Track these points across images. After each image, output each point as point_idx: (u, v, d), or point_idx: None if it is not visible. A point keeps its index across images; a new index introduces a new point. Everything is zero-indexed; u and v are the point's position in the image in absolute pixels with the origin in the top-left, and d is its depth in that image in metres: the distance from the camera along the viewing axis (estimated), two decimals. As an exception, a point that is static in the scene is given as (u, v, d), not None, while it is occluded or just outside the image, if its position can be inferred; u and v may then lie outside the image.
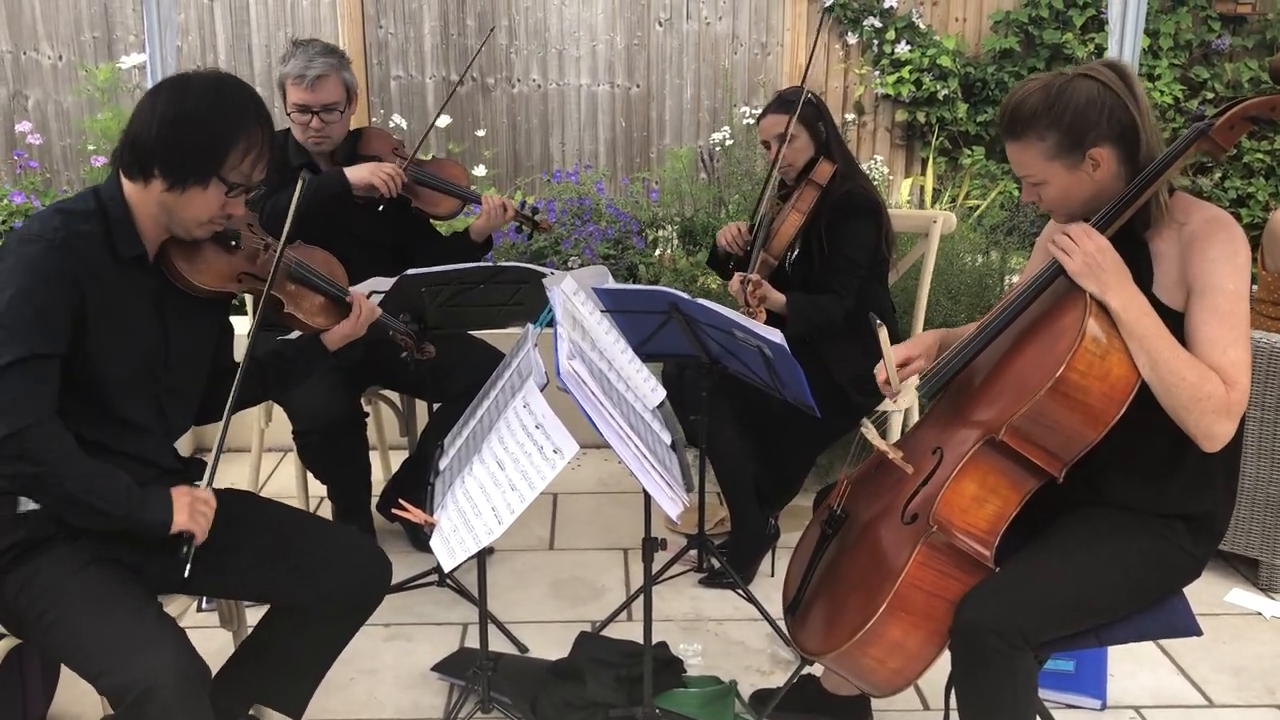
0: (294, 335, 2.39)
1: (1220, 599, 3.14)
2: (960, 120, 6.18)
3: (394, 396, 3.65)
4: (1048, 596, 1.90)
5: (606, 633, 2.93)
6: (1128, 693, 2.71)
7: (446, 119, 5.71)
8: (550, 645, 2.86)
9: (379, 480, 3.56)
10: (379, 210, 3.18)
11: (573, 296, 2.19)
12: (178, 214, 1.94)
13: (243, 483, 3.54)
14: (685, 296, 2.60)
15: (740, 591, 3.07)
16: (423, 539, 3.35)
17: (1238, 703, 2.69)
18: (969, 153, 6.18)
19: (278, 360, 2.27)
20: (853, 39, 6.24)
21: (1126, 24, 3.92)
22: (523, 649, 2.87)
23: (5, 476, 1.80)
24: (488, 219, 3.28)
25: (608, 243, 4.63)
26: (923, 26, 6.21)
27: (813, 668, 2.52)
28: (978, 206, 5.54)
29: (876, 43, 6.22)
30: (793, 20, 6.24)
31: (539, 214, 3.40)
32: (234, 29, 6.07)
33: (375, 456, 3.53)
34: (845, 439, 3.45)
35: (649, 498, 2.02)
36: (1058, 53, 6.13)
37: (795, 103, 3.14)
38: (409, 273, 2.80)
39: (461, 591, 3.07)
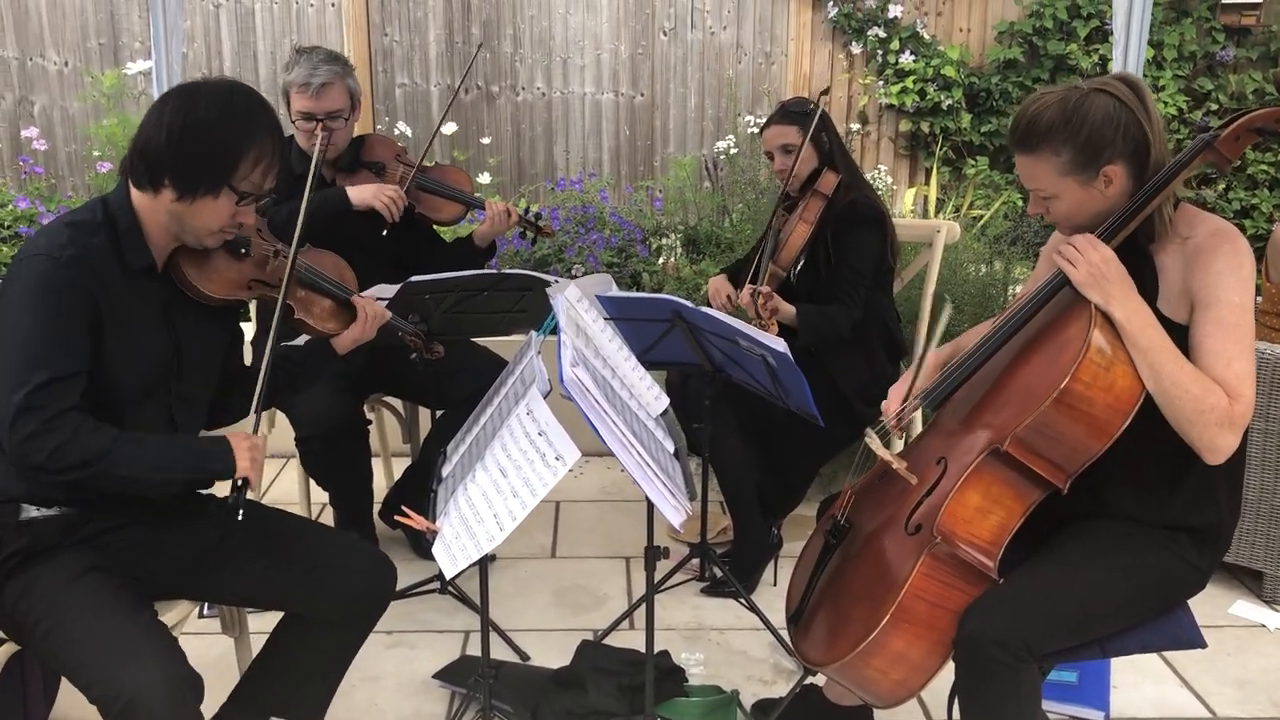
0: (300, 339, 2.39)
1: (1224, 611, 3.13)
2: (964, 130, 6.19)
3: (397, 403, 3.66)
4: (1052, 609, 1.89)
5: (608, 641, 2.92)
6: (1131, 704, 2.70)
7: (452, 126, 5.73)
8: (552, 653, 2.86)
9: (381, 487, 3.56)
10: (383, 234, 3.18)
11: (576, 304, 2.19)
12: (189, 223, 1.93)
13: (245, 489, 3.54)
14: (689, 305, 2.60)
15: (743, 601, 3.06)
16: (425, 546, 3.34)
17: (1241, 715, 2.67)
18: (973, 163, 6.19)
19: (286, 364, 2.27)
20: (857, 49, 6.25)
21: (1131, 35, 3.92)
22: (524, 657, 2.87)
23: (69, 481, 1.83)
24: (491, 224, 3.29)
25: (611, 251, 4.63)
26: (927, 36, 6.22)
27: (815, 677, 2.51)
28: (981, 216, 5.54)
29: (881, 52, 6.23)
30: (797, 30, 6.25)
31: (542, 219, 3.41)
32: (239, 36, 6.08)
33: (377, 463, 3.53)
34: (848, 449, 3.45)
35: (652, 506, 2.02)
36: (1062, 63, 6.14)
37: (799, 113, 3.15)
38: (413, 279, 2.81)
39: (463, 599, 3.07)
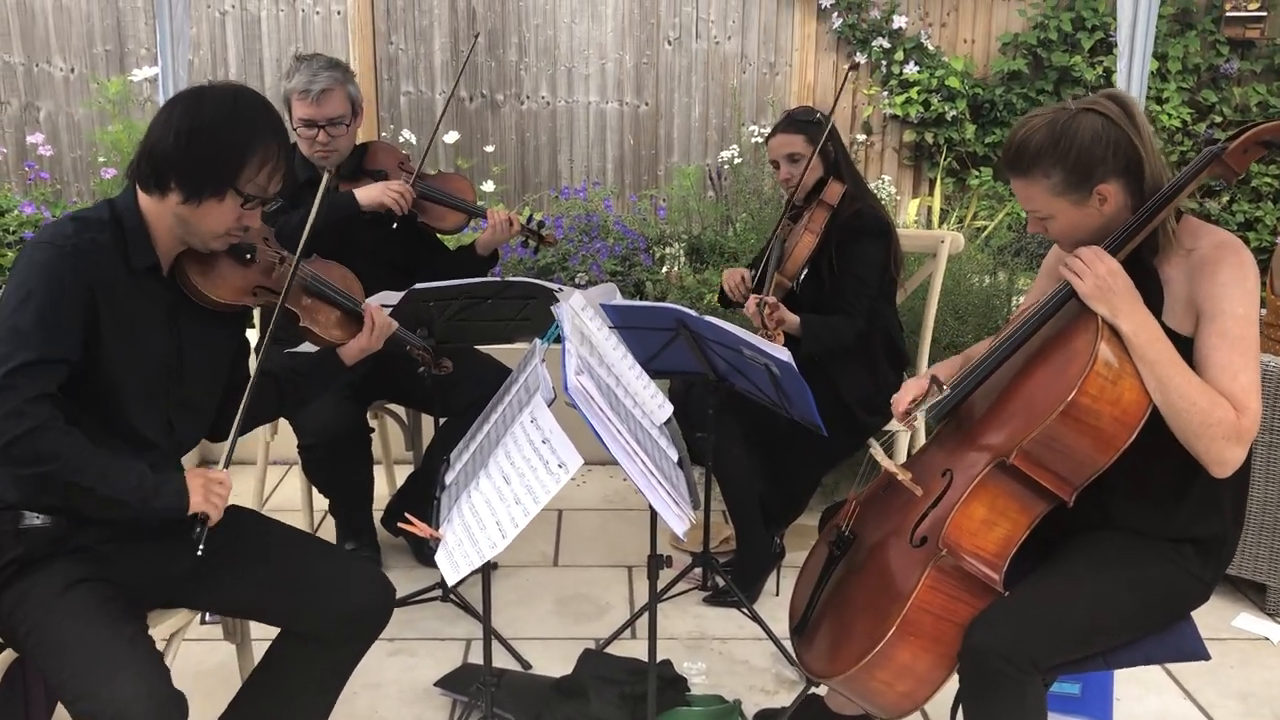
0: (302, 348, 2.39)
1: (1228, 623, 3.13)
2: (968, 141, 6.20)
3: (399, 410, 3.65)
4: (1058, 622, 1.88)
5: (610, 650, 2.91)
6: (1134, 716, 2.69)
7: (455, 134, 5.74)
8: (554, 662, 2.86)
9: (383, 495, 3.56)
10: (392, 227, 3.19)
11: (581, 312, 2.19)
12: (194, 226, 1.94)
13: (248, 495, 3.54)
14: (693, 314, 2.60)
15: (745, 610, 3.06)
16: (427, 554, 3.35)
17: (1245, 728, 2.68)
18: (976, 173, 6.19)
19: (292, 376, 2.26)
20: (861, 59, 6.27)
21: (1135, 47, 3.93)
22: (526, 665, 2.86)
23: (21, 476, 1.82)
24: (493, 233, 3.29)
25: (615, 259, 4.63)
26: (931, 47, 6.24)
27: (817, 688, 2.51)
28: (985, 227, 5.54)
29: (885, 63, 6.24)
30: (801, 40, 6.27)
31: (545, 228, 3.41)
32: (245, 43, 6.10)
33: (380, 471, 3.53)
34: (851, 458, 3.44)
35: (655, 514, 2.02)
36: (1066, 75, 6.15)
37: (805, 122, 3.16)
38: (417, 287, 2.81)
39: (465, 607, 3.07)
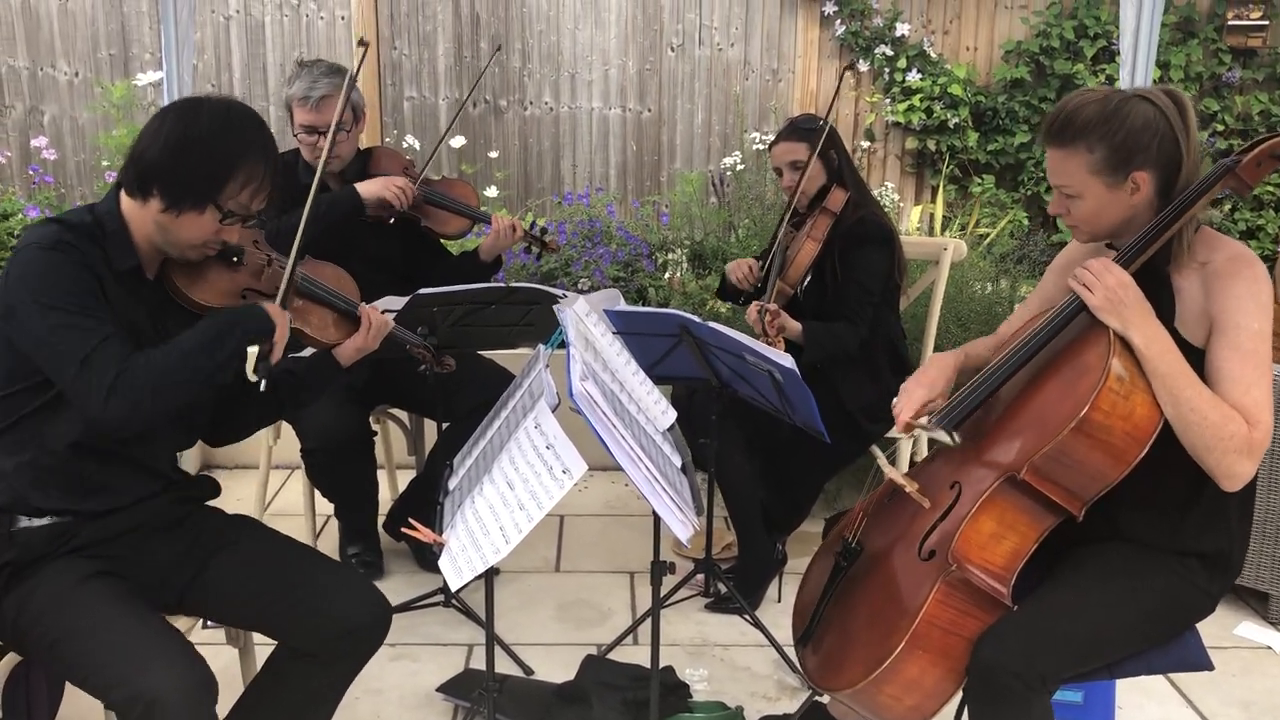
0: (307, 352, 2.39)
1: (1230, 633, 3.12)
2: (970, 149, 6.20)
3: (402, 415, 3.66)
4: (1067, 638, 1.86)
5: (612, 656, 2.91)
6: (1137, 725, 2.69)
7: (460, 139, 5.74)
8: (556, 668, 2.85)
9: (385, 499, 3.56)
10: (390, 224, 3.20)
11: (585, 317, 2.20)
12: (172, 235, 1.95)
13: (250, 499, 3.54)
14: (696, 319, 2.60)
15: (747, 617, 3.05)
16: (429, 559, 3.35)
17: (1248, 737, 2.67)
18: (979, 181, 6.20)
19: (290, 378, 2.25)
20: (864, 66, 6.28)
21: (1138, 55, 3.93)
22: (528, 671, 2.86)
23: (138, 420, 1.84)
24: (496, 239, 3.30)
25: (618, 265, 4.64)
26: (934, 55, 6.25)
27: (821, 697, 2.50)
28: (988, 234, 5.55)
29: (888, 70, 6.25)
30: (804, 47, 6.28)
31: (548, 234, 3.41)
32: (249, 48, 6.11)
33: (382, 475, 3.52)
34: (854, 465, 3.44)
35: (658, 520, 2.02)
36: (1068, 83, 6.15)
37: (808, 130, 3.16)
38: (421, 292, 2.81)
39: (468, 612, 3.06)
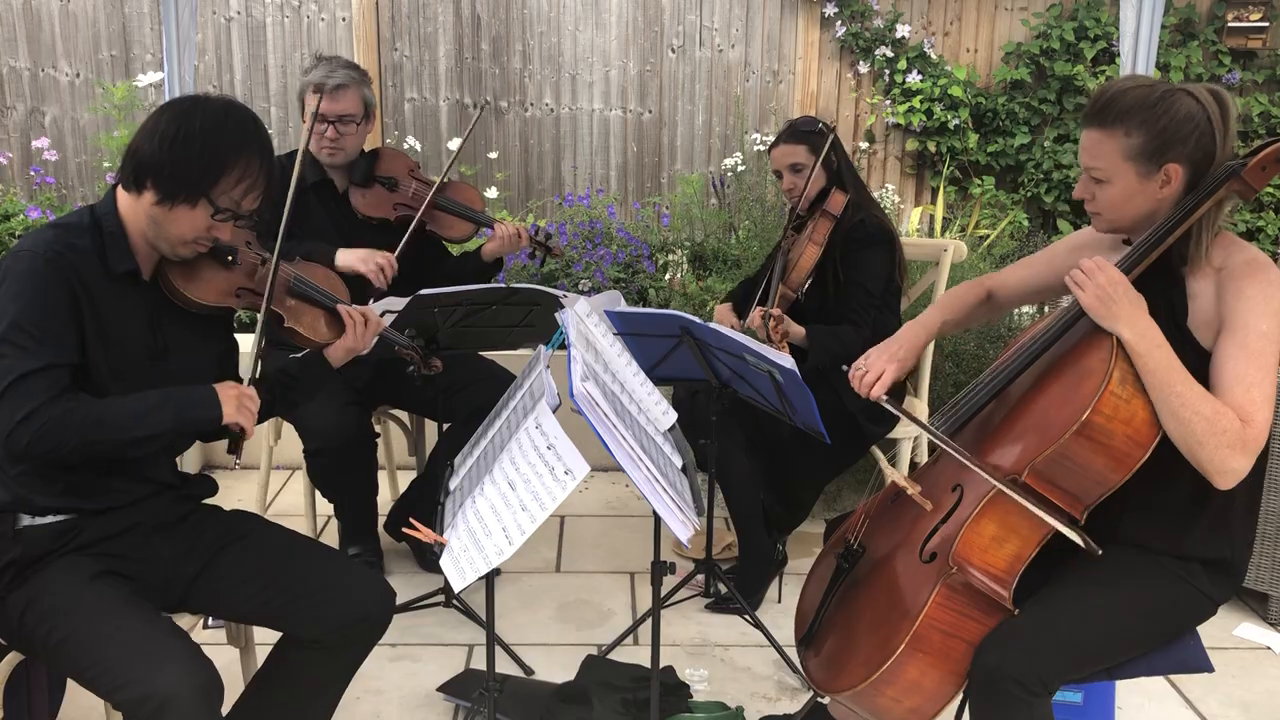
0: (304, 353, 2.39)
1: (1229, 634, 3.13)
2: (971, 150, 6.20)
3: (404, 416, 3.66)
4: (1069, 643, 1.86)
5: (613, 656, 2.92)
6: (1136, 726, 2.70)
7: (459, 141, 5.74)
8: (556, 668, 2.86)
9: (386, 500, 3.56)
10: (392, 224, 3.23)
11: (586, 318, 2.20)
12: (164, 229, 1.96)
13: (251, 500, 3.55)
14: (697, 320, 2.61)
15: (747, 617, 3.06)
16: (430, 559, 3.35)
17: (1247, 738, 2.67)
18: (979, 182, 6.20)
19: (282, 377, 2.26)
20: (864, 68, 6.28)
21: (1138, 57, 3.94)
22: (529, 671, 2.86)
23: (56, 463, 1.85)
24: (500, 244, 3.30)
25: (618, 266, 4.65)
26: (934, 56, 6.25)
27: (823, 698, 2.50)
28: (987, 236, 5.55)
29: (888, 72, 6.26)
30: (805, 49, 6.28)
31: (552, 240, 3.41)
32: (250, 49, 6.12)
33: (383, 476, 3.53)
34: (854, 466, 3.45)
35: (659, 521, 2.02)
36: (1069, 84, 6.16)
37: (807, 132, 3.16)
38: (422, 293, 2.82)
39: (468, 613, 3.07)
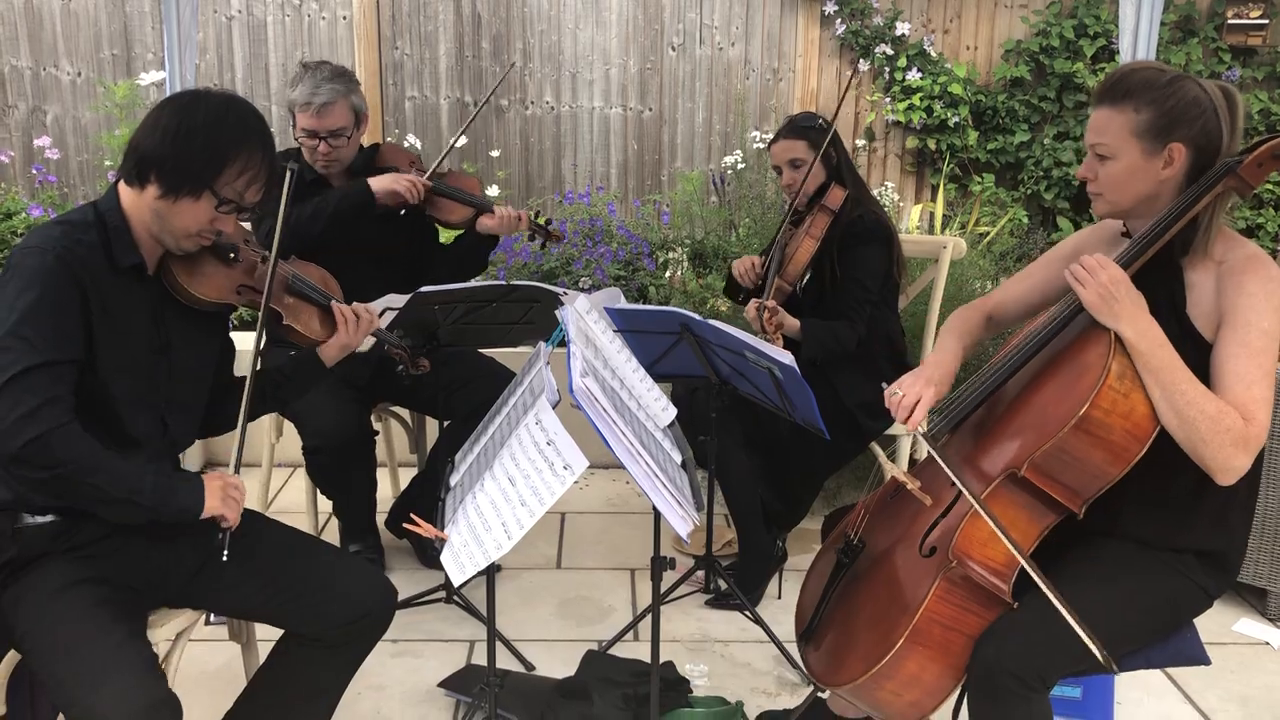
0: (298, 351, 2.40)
1: (1228, 628, 3.14)
2: (970, 147, 6.21)
3: (404, 413, 3.67)
4: (1068, 638, 1.86)
5: (613, 652, 2.93)
6: (1135, 721, 2.71)
7: (462, 139, 5.75)
8: (557, 664, 2.87)
9: (387, 497, 3.57)
10: (400, 214, 3.22)
11: (585, 315, 2.21)
12: (168, 222, 1.96)
13: (252, 498, 3.55)
14: (697, 317, 2.62)
15: (747, 613, 3.07)
16: (430, 556, 3.36)
17: (1245, 732, 2.68)
18: (979, 180, 6.21)
19: (277, 374, 2.28)
20: (864, 65, 6.28)
21: (1137, 55, 3.95)
22: (529, 667, 2.87)
23: (34, 480, 1.81)
24: (499, 223, 3.27)
25: (618, 264, 4.66)
26: (934, 54, 6.25)
27: (823, 693, 2.51)
28: (987, 233, 5.55)
29: (888, 69, 6.26)
30: (805, 47, 6.29)
31: (551, 223, 3.42)
32: (252, 48, 6.13)
33: (384, 473, 3.54)
34: (854, 462, 3.46)
35: (658, 517, 2.03)
36: (1068, 82, 6.16)
37: (806, 128, 3.17)
38: (423, 290, 2.83)
39: (469, 609, 3.08)
